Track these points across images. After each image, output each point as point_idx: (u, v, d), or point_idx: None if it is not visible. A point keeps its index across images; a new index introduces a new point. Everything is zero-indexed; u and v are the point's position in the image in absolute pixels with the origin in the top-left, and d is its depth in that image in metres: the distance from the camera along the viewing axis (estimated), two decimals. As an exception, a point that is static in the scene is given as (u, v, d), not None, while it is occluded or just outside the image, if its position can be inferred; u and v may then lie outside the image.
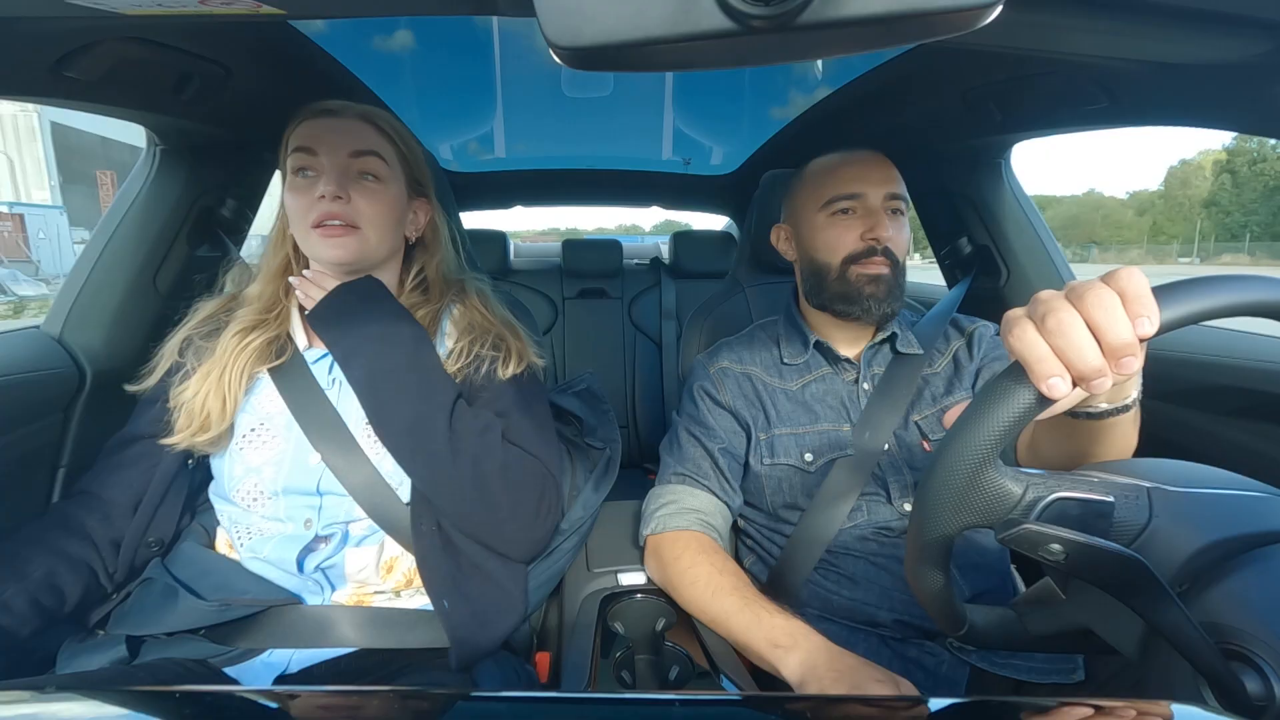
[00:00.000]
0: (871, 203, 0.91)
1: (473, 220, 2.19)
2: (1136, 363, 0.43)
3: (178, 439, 0.80)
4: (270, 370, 0.84)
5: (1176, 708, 0.37)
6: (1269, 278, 0.43)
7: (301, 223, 0.80)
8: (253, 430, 0.83)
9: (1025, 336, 0.44)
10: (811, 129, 1.55)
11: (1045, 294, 0.46)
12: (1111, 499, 0.47)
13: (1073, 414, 0.56)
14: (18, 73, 0.72)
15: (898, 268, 0.91)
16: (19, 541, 0.77)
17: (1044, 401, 0.44)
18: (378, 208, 0.82)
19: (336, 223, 0.79)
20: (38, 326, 1.07)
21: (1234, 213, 55.81)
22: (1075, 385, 0.44)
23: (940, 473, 0.47)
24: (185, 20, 0.58)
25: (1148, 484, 0.48)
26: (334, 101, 0.83)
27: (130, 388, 0.86)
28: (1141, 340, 0.43)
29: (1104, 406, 0.55)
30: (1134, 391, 0.55)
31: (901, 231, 0.92)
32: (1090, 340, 0.43)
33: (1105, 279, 0.45)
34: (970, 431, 0.45)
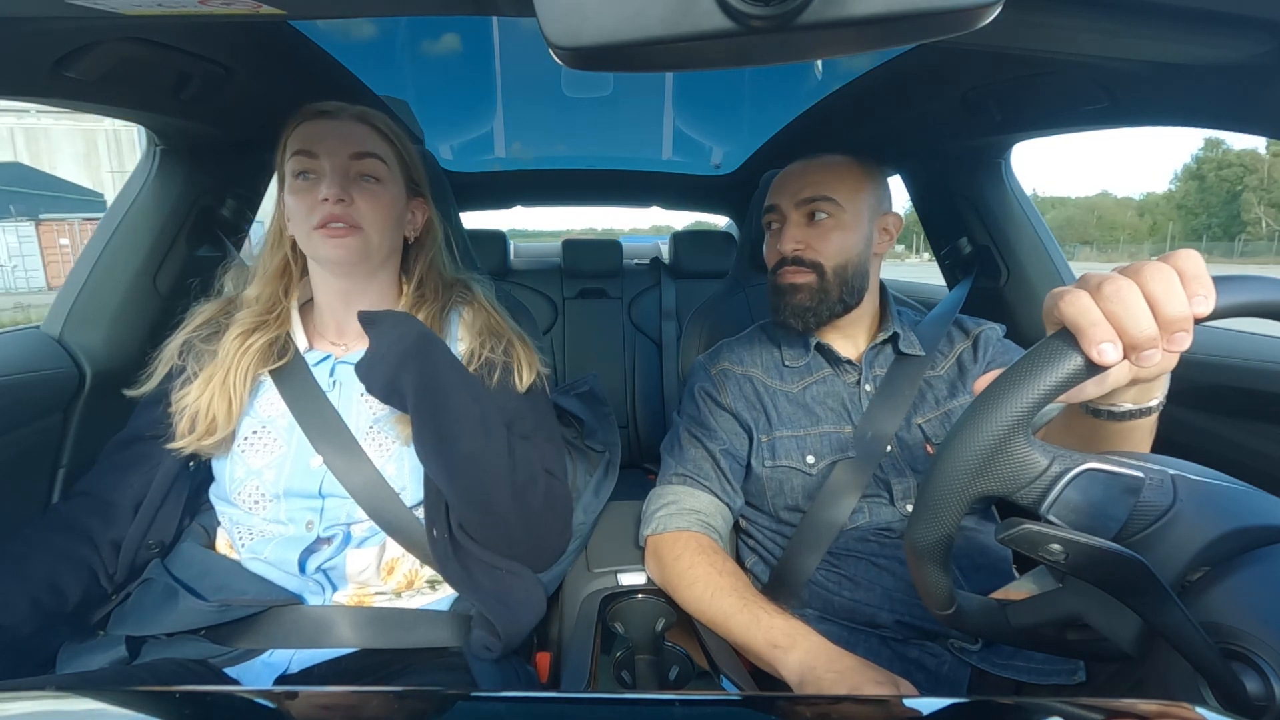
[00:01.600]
0: (785, 212, 0.93)
1: (478, 220, 2.19)
2: (1188, 340, 0.44)
3: (184, 444, 0.80)
4: (272, 372, 0.84)
5: (1176, 708, 0.37)
6: None
7: (303, 224, 0.80)
8: (254, 433, 0.83)
9: (1079, 302, 0.44)
10: (811, 129, 1.55)
11: (1095, 273, 0.46)
12: (1142, 475, 0.47)
13: (1095, 412, 0.55)
14: (18, 73, 0.72)
15: (823, 274, 0.90)
16: (19, 541, 0.77)
17: (1092, 369, 0.44)
18: (379, 209, 0.82)
19: (340, 224, 0.79)
20: (37, 326, 1.07)
21: (1200, 215, 60.70)
22: (1125, 356, 0.44)
23: (967, 434, 0.46)
24: (185, 20, 0.58)
25: (1172, 470, 0.48)
26: (330, 103, 0.82)
27: (129, 393, 0.86)
28: (1196, 320, 0.43)
29: (1128, 407, 0.54)
30: (1160, 394, 0.54)
31: (824, 236, 0.90)
32: (1146, 309, 0.43)
33: (1162, 259, 0.45)
34: (1009, 394, 0.44)
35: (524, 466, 0.83)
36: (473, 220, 2.17)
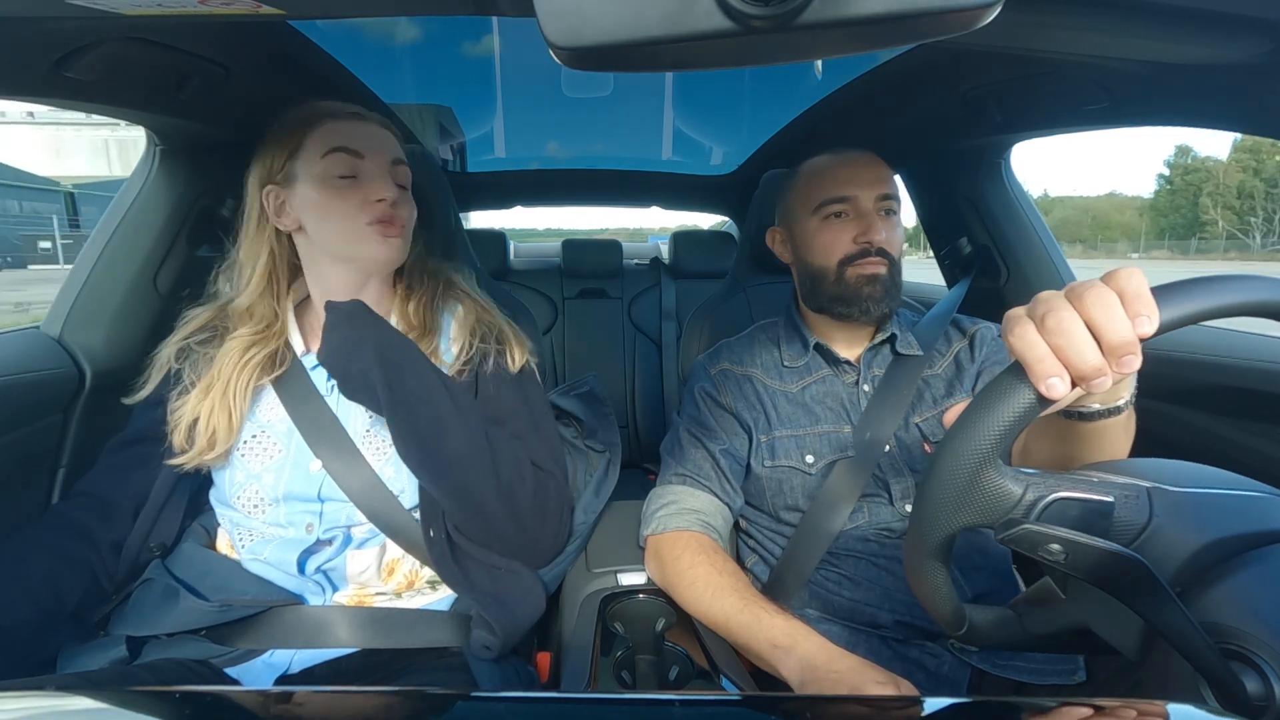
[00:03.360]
0: (863, 205, 0.91)
1: (486, 219, 2.20)
2: (1136, 361, 0.43)
3: (185, 460, 0.80)
4: (271, 381, 0.84)
5: (1176, 708, 0.37)
6: (1268, 278, 0.43)
7: (349, 220, 0.80)
8: (254, 437, 0.83)
9: (1026, 336, 0.44)
10: (811, 129, 1.55)
11: (1045, 294, 0.47)
12: (1111, 499, 0.47)
13: (1065, 414, 0.56)
14: (18, 73, 0.72)
15: (894, 266, 0.91)
16: (19, 542, 0.77)
17: (1043, 401, 0.44)
18: (412, 214, 0.85)
19: (393, 225, 0.81)
20: (37, 326, 1.07)
21: (1170, 215, 66.63)
22: (1074, 385, 0.44)
23: (940, 472, 0.47)
24: (185, 20, 0.58)
25: (1147, 484, 0.48)
26: (354, 105, 0.84)
27: (127, 400, 0.86)
28: (1141, 339, 0.43)
29: (1096, 407, 0.54)
30: (1127, 394, 0.55)
31: (895, 231, 0.92)
32: (1089, 340, 0.43)
33: (1104, 279, 0.45)
34: (970, 431, 0.45)
35: (509, 464, 0.82)
36: (482, 220, 2.18)
